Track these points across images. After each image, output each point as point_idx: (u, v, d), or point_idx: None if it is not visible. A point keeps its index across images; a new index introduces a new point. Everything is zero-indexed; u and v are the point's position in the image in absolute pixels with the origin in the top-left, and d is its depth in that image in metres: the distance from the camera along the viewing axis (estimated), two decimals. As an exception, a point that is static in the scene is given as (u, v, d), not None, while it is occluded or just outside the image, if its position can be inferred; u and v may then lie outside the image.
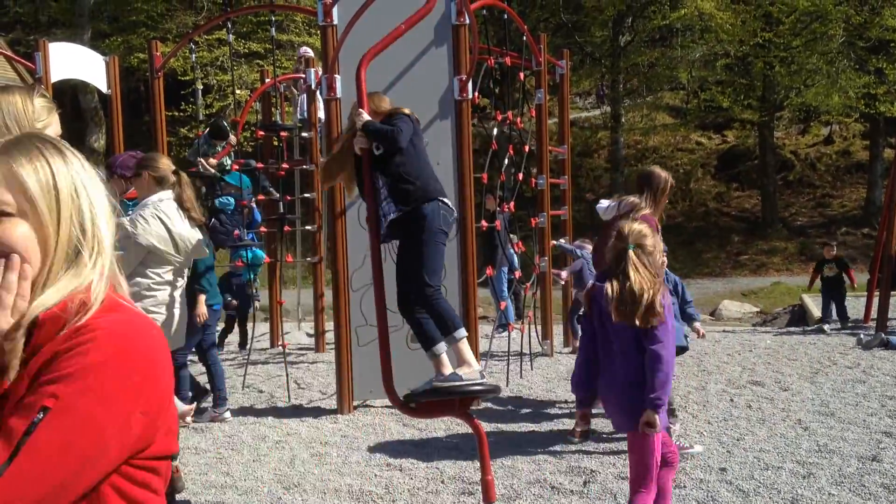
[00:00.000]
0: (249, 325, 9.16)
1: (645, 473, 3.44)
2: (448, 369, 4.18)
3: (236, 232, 8.25)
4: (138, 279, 4.43)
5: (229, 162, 9.04)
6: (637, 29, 30.45)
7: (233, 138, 9.04)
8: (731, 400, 6.72)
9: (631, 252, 3.44)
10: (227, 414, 6.36)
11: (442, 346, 4.21)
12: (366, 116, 4.23)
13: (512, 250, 9.13)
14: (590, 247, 9.51)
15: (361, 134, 4.21)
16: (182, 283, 4.67)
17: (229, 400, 7.11)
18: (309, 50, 10.34)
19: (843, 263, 11.39)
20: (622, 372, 3.48)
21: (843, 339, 9.62)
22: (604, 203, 5.42)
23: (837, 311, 11.00)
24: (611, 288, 3.41)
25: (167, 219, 4.49)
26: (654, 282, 3.42)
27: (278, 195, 8.95)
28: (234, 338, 9.87)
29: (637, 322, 3.36)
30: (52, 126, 2.50)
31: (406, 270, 4.21)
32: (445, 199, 4.31)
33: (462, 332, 4.23)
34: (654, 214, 5.05)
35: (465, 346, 4.22)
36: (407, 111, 4.43)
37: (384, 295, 4.21)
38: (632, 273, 3.40)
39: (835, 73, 24.26)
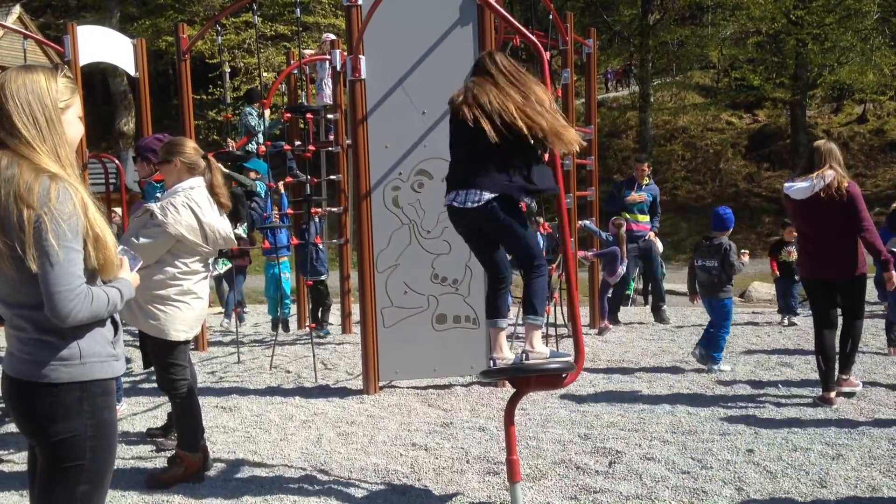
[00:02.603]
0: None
1: None
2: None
3: (265, 213, 8.31)
4: (165, 268, 4.43)
5: (255, 146, 9.08)
6: (666, 7, 30.09)
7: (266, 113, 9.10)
8: (759, 381, 6.66)
9: None
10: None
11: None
12: None
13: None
14: (623, 228, 9.49)
15: None
16: (207, 272, 4.67)
17: (257, 380, 7.19)
18: (331, 35, 10.39)
19: None
20: None
21: (875, 321, 9.46)
22: (800, 184, 5.76)
23: (786, 299, 9.77)
24: None
25: (198, 208, 4.43)
26: None
27: (305, 177, 8.99)
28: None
29: None
30: (73, 106, 2.50)
31: None
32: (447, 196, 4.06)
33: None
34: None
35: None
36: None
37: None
38: None
39: (869, 50, 23.82)
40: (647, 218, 9.98)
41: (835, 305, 5.93)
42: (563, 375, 3.98)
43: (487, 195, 3.86)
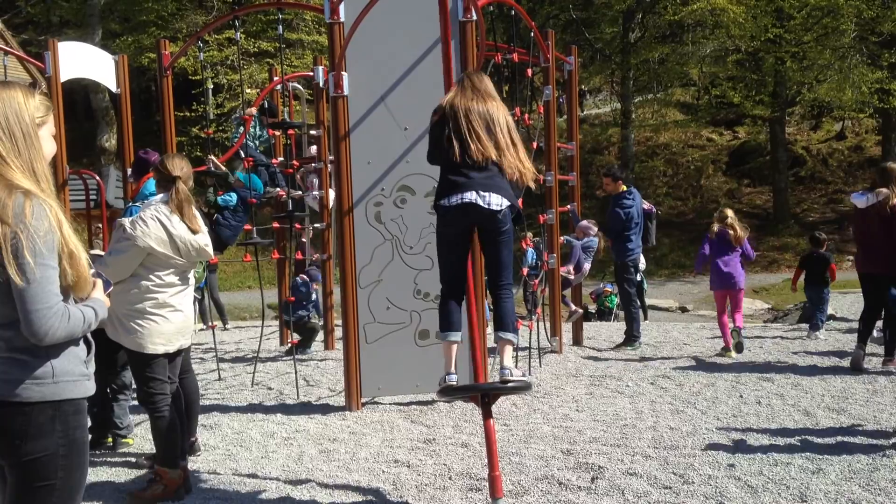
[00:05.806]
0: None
1: None
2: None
3: (248, 226, 8.22)
4: (140, 282, 4.44)
5: (243, 154, 9.05)
6: (647, 25, 30.35)
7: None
8: (741, 396, 6.69)
9: None
10: None
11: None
12: None
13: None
14: (595, 229, 9.71)
15: None
16: (186, 285, 4.66)
17: (238, 397, 7.14)
18: (298, 86, 10.60)
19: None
20: None
21: (854, 336, 9.53)
22: (861, 195, 7.49)
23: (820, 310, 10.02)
24: None
25: (167, 220, 4.46)
26: None
27: (288, 191, 8.94)
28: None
29: None
30: (47, 124, 2.52)
31: None
32: None
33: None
34: None
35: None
36: None
37: None
38: None
39: (847, 68, 24.12)
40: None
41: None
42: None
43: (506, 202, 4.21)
